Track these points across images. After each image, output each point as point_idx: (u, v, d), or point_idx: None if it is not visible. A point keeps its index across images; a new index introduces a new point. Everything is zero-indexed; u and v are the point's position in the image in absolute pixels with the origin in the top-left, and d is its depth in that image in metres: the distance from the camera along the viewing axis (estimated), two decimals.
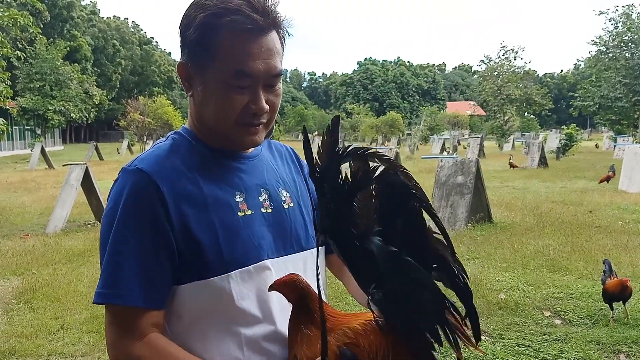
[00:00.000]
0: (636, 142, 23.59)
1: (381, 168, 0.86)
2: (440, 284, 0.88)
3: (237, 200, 1.10)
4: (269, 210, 1.14)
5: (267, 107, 1.08)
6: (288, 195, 1.20)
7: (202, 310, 1.05)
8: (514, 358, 3.62)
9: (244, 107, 1.06)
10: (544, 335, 3.99)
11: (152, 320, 1.03)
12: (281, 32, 1.10)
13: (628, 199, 10.51)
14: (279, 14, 1.08)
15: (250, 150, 1.19)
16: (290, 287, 1.03)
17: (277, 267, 1.10)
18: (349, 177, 0.86)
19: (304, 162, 1.27)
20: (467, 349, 0.93)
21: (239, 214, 1.09)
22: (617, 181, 12.73)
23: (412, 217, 0.87)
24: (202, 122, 1.13)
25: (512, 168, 17.72)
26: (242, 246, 1.07)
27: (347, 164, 0.87)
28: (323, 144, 0.85)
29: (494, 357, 3.63)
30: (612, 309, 4.27)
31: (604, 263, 4.54)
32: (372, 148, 0.87)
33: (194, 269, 1.04)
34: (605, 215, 8.77)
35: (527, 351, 3.72)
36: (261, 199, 1.14)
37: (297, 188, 1.25)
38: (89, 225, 8.59)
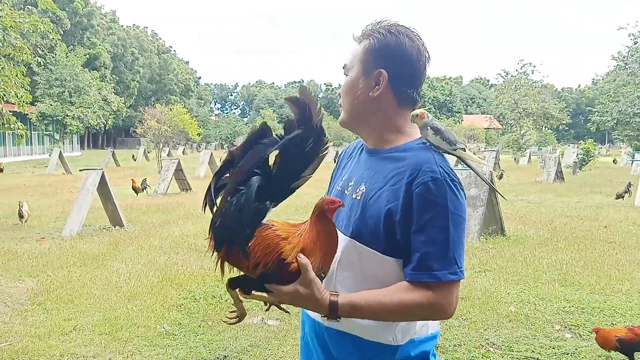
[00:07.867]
0: None
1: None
2: None
3: (343, 178, 1.57)
4: (354, 196, 1.46)
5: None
6: (363, 190, 1.44)
7: None
8: None
9: None
10: (553, 348, 3.95)
11: None
12: (369, 41, 1.47)
13: None
14: (371, 31, 1.48)
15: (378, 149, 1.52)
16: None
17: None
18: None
19: (416, 196, 1.35)
20: None
21: (337, 188, 1.56)
22: (633, 197, 12.58)
23: None
24: None
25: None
26: None
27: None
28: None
29: None
30: None
31: None
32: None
33: None
34: (620, 230, 8.68)
35: None
36: (350, 184, 1.51)
37: (375, 192, 1.41)
38: (104, 230, 8.71)
